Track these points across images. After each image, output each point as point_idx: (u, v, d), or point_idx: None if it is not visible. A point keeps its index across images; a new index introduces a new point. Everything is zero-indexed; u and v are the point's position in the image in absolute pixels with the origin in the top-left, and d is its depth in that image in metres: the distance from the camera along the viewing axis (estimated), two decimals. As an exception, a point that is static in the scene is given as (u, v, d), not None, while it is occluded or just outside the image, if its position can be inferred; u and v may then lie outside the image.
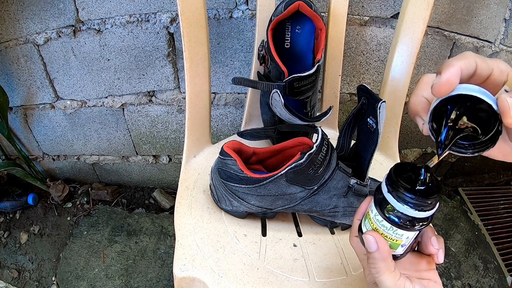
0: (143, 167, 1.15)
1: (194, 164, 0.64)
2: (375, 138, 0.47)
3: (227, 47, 0.87)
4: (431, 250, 0.35)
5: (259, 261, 0.49)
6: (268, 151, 0.55)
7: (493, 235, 1.11)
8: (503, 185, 1.31)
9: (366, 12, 0.84)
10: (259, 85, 0.58)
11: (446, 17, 0.86)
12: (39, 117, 1.02)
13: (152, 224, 1.08)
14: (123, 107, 0.98)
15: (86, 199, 1.15)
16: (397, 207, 0.32)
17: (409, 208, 0.32)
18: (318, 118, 0.59)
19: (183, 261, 0.48)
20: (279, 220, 0.56)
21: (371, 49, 0.89)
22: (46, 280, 0.98)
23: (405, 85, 0.66)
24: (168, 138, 1.05)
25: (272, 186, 0.48)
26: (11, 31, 0.86)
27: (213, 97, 0.96)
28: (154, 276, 0.96)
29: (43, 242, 1.05)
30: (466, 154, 0.30)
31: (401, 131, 0.70)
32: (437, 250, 0.35)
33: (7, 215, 1.10)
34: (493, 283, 1.00)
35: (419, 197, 0.31)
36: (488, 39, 0.91)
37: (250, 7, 0.82)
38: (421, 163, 0.35)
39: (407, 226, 0.33)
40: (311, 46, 0.62)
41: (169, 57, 0.88)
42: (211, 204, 0.56)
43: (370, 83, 0.96)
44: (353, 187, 0.50)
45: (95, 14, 0.82)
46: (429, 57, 0.93)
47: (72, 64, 0.90)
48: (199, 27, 0.58)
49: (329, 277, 0.49)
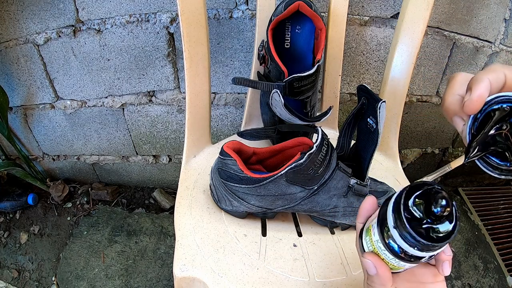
0: (143, 167, 1.15)
1: (194, 164, 0.64)
2: (375, 138, 0.47)
3: (227, 47, 0.87)
4: (442, 257, 0.31)
5: (259, 261, 0.49)
6: (268, 151, 0.55)
7: (493, 235, 1.11)
8: (503, 185, 1.31)
9: (366, 12, 0.84)
10: (259, 85, 0.58)
11: (446, 17, 0.86)
12: (39, 117, 1.02)
13: (152, 224, 1.08)
14: (123, 107, 0.98)
15: (86, 199, 1.15)
16: (402, 245, 0.28)
17: (416, 251, 0.27)
18: (318, 118, 0.59)
19: (183, 261, 0.48)
20: (279, 220, 0.56)
21: (371, 49, 0.89)
22: (46, 280, 0.98)
23: (405, 85, 0.66)
24: (168, 138, 1.05)
25: (272, 186, 0.48)
26: (11, 31, 0.86)
27: (213, 97, 0.96)
28: (154, 276, 0.96)
29: (43, 242, 1.05)
30: (492, 172, 0.29)
31: (401, 131, 0.70)
32: (449, 256, 0.31)
33: (7, 215, 1.10)
34: (493, 283, 1.00)
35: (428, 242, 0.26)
36: (488, 39, 0.91)
37: (250, 7, 0.82)
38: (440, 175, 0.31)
39: (410, 261, 0.29)
40: (311, 46, 0.62)
41: (169, 57, 0.88)
42: (211, 204, 0.56)
43: (370, 83, 0.96)
44: (353, 187, 0.51)
45: (95, 14, 0.82)
46: (429, 57, 0.93)
47: (72, 64, 0.90)
48: (199, 27, 0.58)
49: (329, 277, 0.49)
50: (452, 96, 0.30)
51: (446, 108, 0.31)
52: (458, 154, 1.21)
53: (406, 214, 0.27)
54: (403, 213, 0.27)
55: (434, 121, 1.08)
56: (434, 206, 0.26)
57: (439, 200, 0.26)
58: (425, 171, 1.25)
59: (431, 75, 0.97)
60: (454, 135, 1.15)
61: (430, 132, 1.12)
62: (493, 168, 0.29)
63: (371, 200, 0.35)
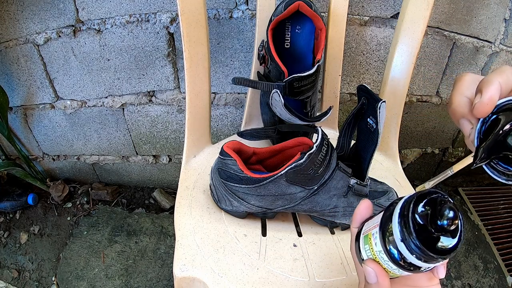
0: (143, 167, 1.15)
1: (194, 164, 0.64)
2: (375, 138, 0.47)
3: (227, 47, 0.87)
4: None
5: (259, 261, 0.49)
6: (268, 151, 0.55)
7: (493, 235, 1.11)
8: (503, 185, 1.31)
9: (366, 12, 0.84)
10: (259, 85, 0.58)
11: (446, 17, 0.86)
12: (39, 117, 1.02)
13: (152, 224, 1.08)
14: (123, 107, 0.98)
15: (86, 199, 1.15)
16: (408, 256, 0.27)
17: (420, 262, 0.27)
18: (318, 118, 0.59)
19: (183, 261, 0.48)
20: (279, 220, 0.56)
21: (371, 49, 0.89)
22: (46, 280, 0.98)
23: (405, 85, 0.66)
24: (168, 138, 1.05)
25: (272, 186, 0.48)
26: (11, 31, 0.86)
27: (213, 97, 0.96)
28: (154, 276, 0.96)
29: (43, 242, 1.05)
30: (499, 178, 0.28)
31: (401, 131, 0.70)
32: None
33: (7, 215, 1.10)
34: (493, 283, 1.00)
35: (432, 254, 0.26)
36: (488, 39, 0.91)
37: (250, 7, 0.82)
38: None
39: (409, 269, 0.29)
40: (311, 46, 0.62)
41: (169, 57, 0.88)
42: (211, 204, 0.56)
43: (370, 83, 0.96)
44: (353, 187, 0.50)
45: (95, 14, 0.82)
46: (429, 57, 0.93)
47: (72, 64, 0.90)
48: (199, 27, 0.58)
49: (329, 277, 0.49)
50: (459, 97, 0.29)
51: (453, 109, 0.30)
52: (458, 154, 1.21)
53: (413, 223, 0.26)
54: (411, 221, 0.26)
55: (434, 121, 1.08)
56: (441, 217, 0.26)
57: (447, 211, 0.26)
58: (425, 171, 1.25)
59: (431, 75, 0.97)
60: (454, 135, 1.15)
61: (430, 132, 1.12)
62: (499, 173, 0.28)
63: (366, 204, 0.34)
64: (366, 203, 0.34)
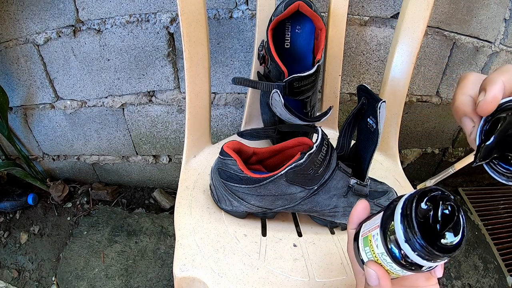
0: (143, 167, 1.15)
1: (194, 164, 0.64)
2: (375, 138, 0.47)
3: (227, 47, 0.87)
4: None
5: (259, 261, 0.49)
6: (268, 151, 0.55)
7: (493, 235, 1.11)
8: (503, 185, 1.31)
9: (366, 12, 0.84)
10: (259, 85, 0.58)
11: (446, 17, 0.86)
12: (39, 117, 1.02)
13: (152, 224, 1.08)
14: (123, 107, 0.98)
15: (86, 199, 1.15)
16: (411, 256, 0.27)
17: (424, 261, 0.27)
18: (318, 118, 0.59)
19: (183, 261, 0.48)
20: (279, 220, 0.56)
21: (371, 49, 0.89)
22: (46, 280, 0.98)
23: (405, 85, 0.66)
24: (168, 138, 1.05)
25: (272, 186, 0.48)
26: (11, 31, 0.86)
27: (213, 97, 0.96)
28: (154, 276, 0.96)
29: (43, 242, 1.05)
30: (499, 178, 0.28)
31: (401, 131, 0.70)
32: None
33: (7, 215, 1.10)
34: (493, 283, 1.00)
35: (435, 251, 0.26)
36: (488, 39, 0.91)
37: (250, 7, 0.82)
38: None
39: (411, 268, 0.29)
40: (311, 46, 0.62)
41: (169, 57, 0.88)
42: (211, 204, 0.56)
43: (370, 83, 0.96)
44: (353, 187, 0.50)
45: (95, 14, 0.82)
46: (429, 57, 0.93)
47: (72, 64, 0.90)
48: (199, 27, 0.58)
49: (329, 277, 0.49)
50: (463, 96, 0.29)
51: (456, 108, 0.30)
52: (458, 154, 1.21)
53: (417, 222, 0.26)
54: (414, 221, 0.26)
55: (434, 121, 1.08)
56: (444, 214, 0.26)
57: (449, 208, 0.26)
58: (425, 171, 1.25)
59: (431, 75, 0.97)
60: (454, 135, 1.15)
61: (430, 132, 1.12)
62: (500, 174, 0.28)
63: (363, 205, 0.34)
64: (363, 204, 0.34)
